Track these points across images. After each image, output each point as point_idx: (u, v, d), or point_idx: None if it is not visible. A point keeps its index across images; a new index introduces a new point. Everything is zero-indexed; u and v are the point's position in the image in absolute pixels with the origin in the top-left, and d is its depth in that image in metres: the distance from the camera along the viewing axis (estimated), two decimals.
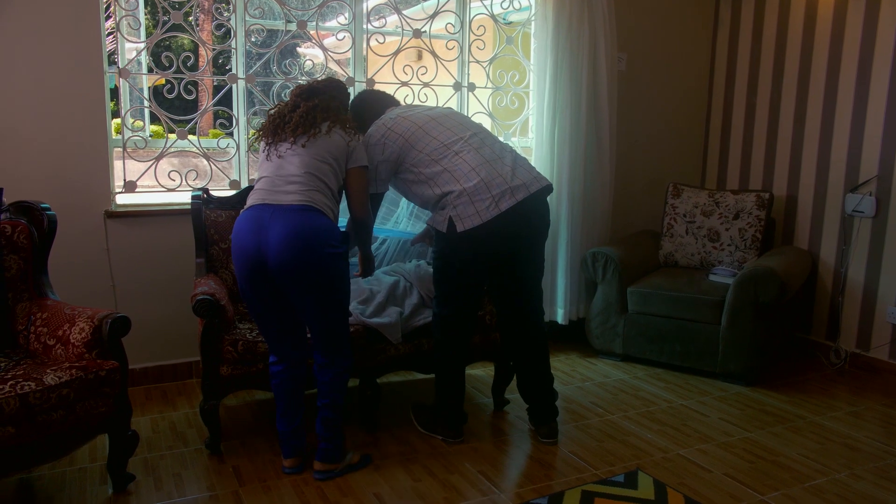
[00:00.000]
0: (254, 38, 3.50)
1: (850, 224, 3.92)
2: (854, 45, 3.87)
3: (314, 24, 3.56)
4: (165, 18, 3.24)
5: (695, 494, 2.51)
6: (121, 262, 3.29)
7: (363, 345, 2.86)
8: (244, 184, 3.52)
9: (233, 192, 3.29)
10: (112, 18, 3.24)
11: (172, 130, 3.35)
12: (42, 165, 3.09)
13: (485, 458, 2.77)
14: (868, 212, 3.82)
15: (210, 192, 3.17)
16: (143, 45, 3.34)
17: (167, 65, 3.30)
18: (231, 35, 3.43)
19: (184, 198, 3.32)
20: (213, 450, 2.75)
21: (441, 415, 2.89)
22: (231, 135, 3.51)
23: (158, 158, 3.34)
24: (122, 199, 3.34)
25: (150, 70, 3.38)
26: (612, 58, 3.99)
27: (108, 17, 3.23)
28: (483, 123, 4.00)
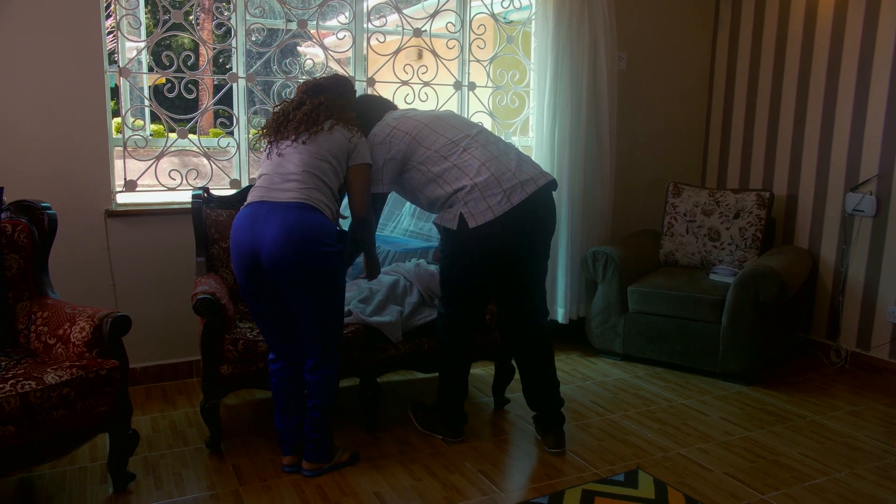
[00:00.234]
0: (254, 37, 3.50)
1: (851, 223, 3.92)
2: (854, 45, 3.87)
3: (314, 23, 3.56)
4: (166, 17, 3.24)
5: (695, 493, 2.51)
6: (121, 262, 3.29)
7: (363, 344, 2.86)
8: (245, 183, 3.53)
9: (233, 192, 3.30)
10: (112, 17, 3.24)
11: (173, 129, 3.35)
12: (42, 164, 3.09)
13: (485, 458, 2.77)
14: (868, 211, 3.81)
15: (210, 192, 3.17)
16: (144, 44, 3.34)
17: (168, 64, 3.30)
18: (231, 34, 3.43)
19: (184, 197, 3.33)
20: (214, 449, 2.75)
21: (442, 414, 2.89)
22: (231, 134, 3.51)
23: (159, 157, 3.34)
24: (123, 199, 3.34)
25: (151, 69, 3.38)
26: (613, 57, 3.99)
27: (109, 16, 3.23)
28: (483, 122, 4.02)
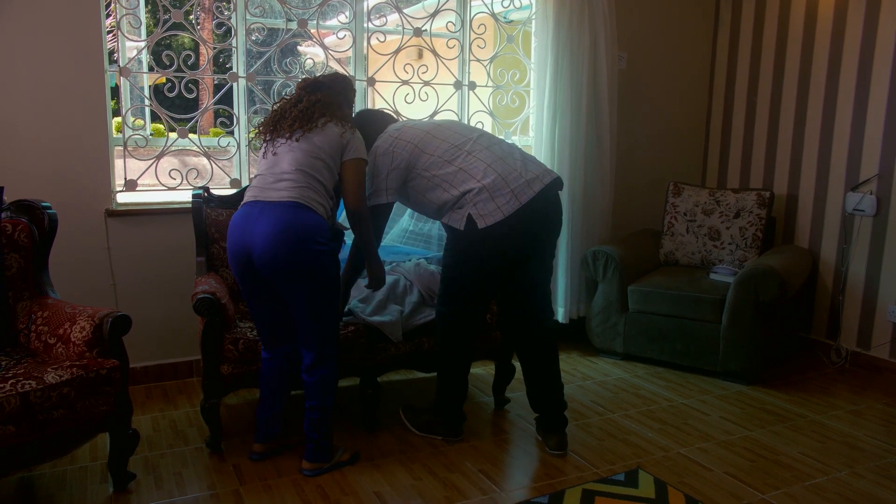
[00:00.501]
0: (254, 37, 3.50)
1: (851, 223, 3.92)
2: (854, 44, 3.86)
3: (315, 23, 3.56)
4: (166, 17, 3.24)
5: (695, 493, 2.51)
6: (121, 261, 3.29)
7: (363, 344, 2.86)
8: (245, 182, 3.53)
9: (233, 191, 3.29)
10: (112, 17, 3.24)
11: (173, 129, 3.35)
12: (43, 164, 3.09)
13: (485, 457, 2.77)
14: (868, 210, 3.81)
15: (211, 191, 3.17)
16: (144, 44, 3.34)
17: (168, 63, 3.30)
18: (232, 33, 3.42)
19: (184, 196, 3.33)
20: (214, 448, 2.75)
21: (441, 414, 2.89)
22: (232, 133, 3.51)
23: (159, 157, 3.34)
24: (123, 198, 3.34)
25: (151, 68, 3.38)
26: (613, 57, 3.98)
27: (109, 16, 3.23)
28: (484, 122, 4.03)
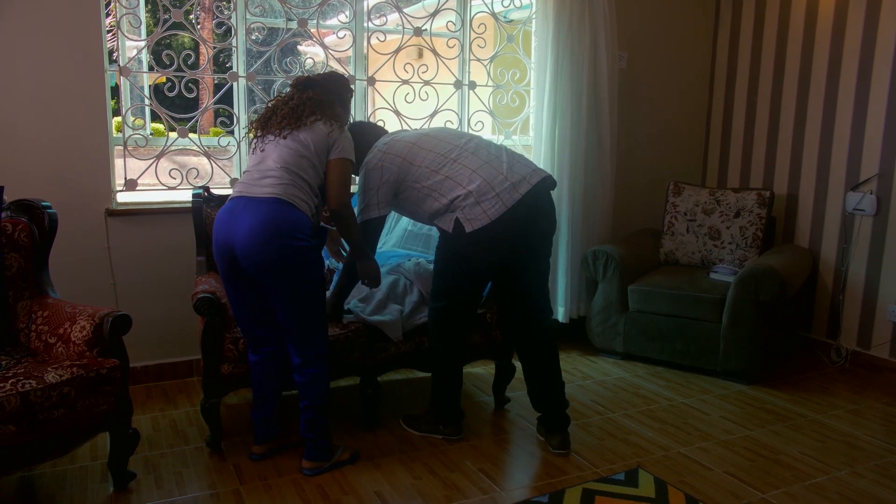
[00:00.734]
0: (254, 36, 3.50)
1: (851, 222, 3.92)
2: (855, 44, 3.86)
3: (315, 22, 3.55)
4: (166, 16, 3.24)
5: (695, 492, 2.51)
6: (121, 261, 3.29)
7: (363, 343, 2.87)
8: None
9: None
10: (112, 16, 3.24)
11: (173, 129, 3.35)
12: (43, 164, 3.09)
13: (485, 456, 2.77)
14: (869, 210, 3.81)
15: (211, 191, 3.17)
16: (144, 43, 3.34)
17: (168, 63, 3.30)
18: (232, 33, 3.42)
19: (185, 196, 3.33)
20: (214, 448, 2.76)
21: (439, 411, 2.90)
22: (232, 133, 3.51)
23: (159, 157, 3.34)
24: (123, 198, 3.34)
25: (151, 68, 3.38)
26: (613, 56, 3.98)
27: (109, 15, 3.23)
28: (484, 122, 4.03)
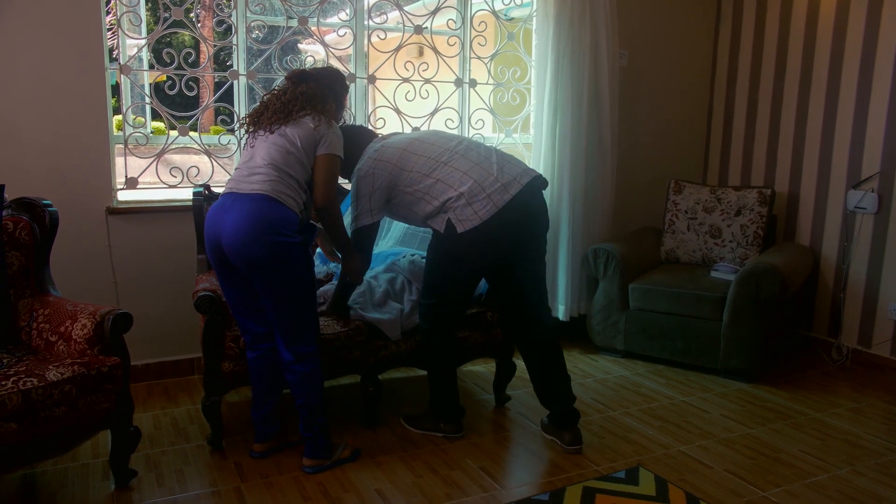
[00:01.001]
0: (255, 35, 3.50)
1: (852, 221, 3.92)
2: (856, 41, 3.86)
3: (315, 21, 3.55)
4: (166, 15, 3.24)
5: (696, 490, 2.51)
6: (122, 259, 3.29)
7: (364, 341, 2.87)
8: None
9: None
10: (113, 14, 3.24)
11: (174, 127, 3.35)
12: (44, 162, 3.09)
13: (486, 454, 2.77)
14: (870, 208, 3.81)
15: (211, 189, 3.17)
16: (145, 42, 3.34)
17: (168, 61, 3.30)
18: (232, 31, 3.42)
19: (185, 194, 3.33)
20: (215, 446, 2.76)
21: (439, 410, 2.90)
22: (232, 131, 3.51)
23: (160, 155, 3.34)
24: (124, 196, 3.34)
25: (152, 66, 3.38)
26: (614, 54, 3.98)
27: (109, 13, 3.23)
28: (484, 120, 4.03)
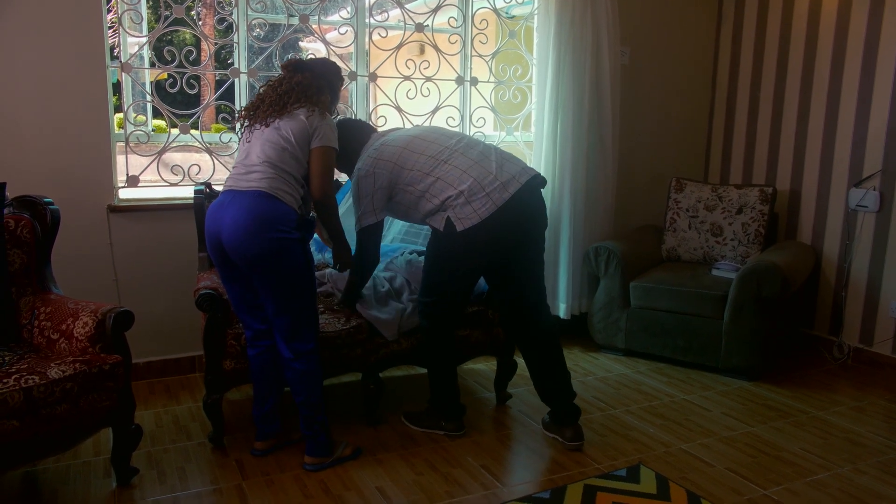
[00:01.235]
0: (256, 33, 3.50)
1: (854, 219, 3.91)
2: (858, 39, 3.85)
3: (316, 19, 3.55)
4: (167, 13, 3.24)
5: (697, 489, 2.51)
6: (124, 257, 3.29)
7: (365, 339, 2.87)
8: None
9: None
10: (114, 12, 3.24)
11: (175, 125, 3.35)
12: (45, 160, 3.09)
13: (487, 452, 2.77)
14: (872, 207, 3.81)
15: (212, 187, 3.17)
16: (146, 40, 3.34)
17: (169, 59, 3.30)
18: (233, 29, 3.42)
19: (186, 192, 3.33)
20: (217, 444, 2.76)
21: (439, 408, 2.90)
22: (233, 129, 3.51)
23: (161, 153, 3.35)
24: (125, 194, 3.34)
25: (153, 64, 3.38)
26: (615, 52, 3.97)
27: (110, 11, 3.23)
28: (485, 118, 4.02)
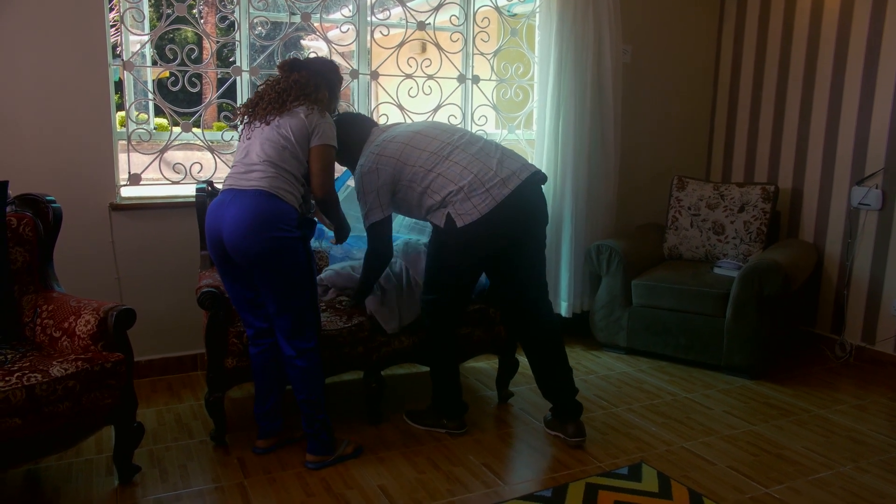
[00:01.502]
0: (258, 31, 3.49)
1: (856, 217, 3.91)
2: (861, 37, 3.84)
3: (318, 17, 3.55)
4: (169, 11, 3.24)
5: (699, 487, 2.51)
6: (126, 255, 3.30)
7: (366, 337, 2.87)
8: None
9: None
10: (116, 11, 3.24)
11: (177, 123, 3.35)
12: (47, 158, 3.10)
13: (489, 451, 2.77)
14: (874, 205, 3.80)
15: (214, 185, 3.16)
16: (147, 38, 3.34)
17: (171, 57, 3.30)
18: (235, 27, 3.42)
19: (188, 190, 3.33)
20: (218, 441, 2.77)
21: (441, 406, 2.91)
22: (235, 127, 3.51)
23: (163, 151, 3.35)
24: (127, 192, 3.34)
25: (154, 63, 3.38)
26: (617, 50, 3.97)
27: (112, 10, 3.23)
28: (487, 116, 4.02)
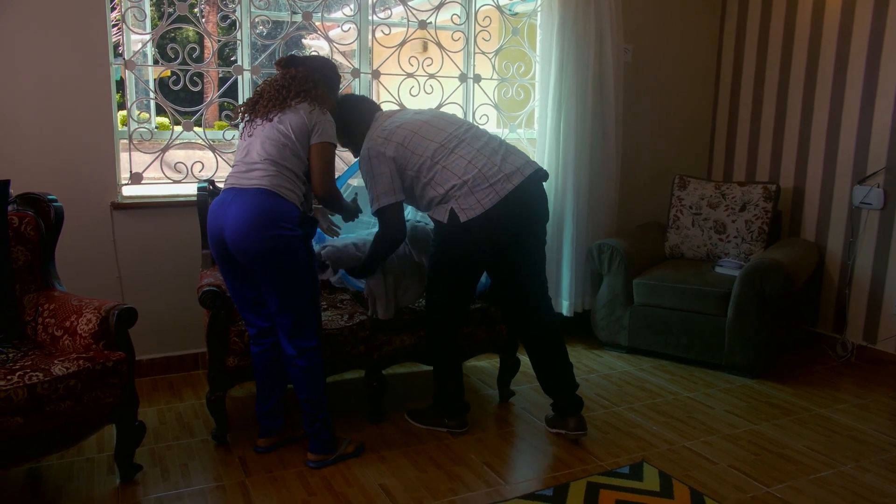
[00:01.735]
0: (259, 30, 3.49)
1: (858, 216, 3.91)
2: (863, 36, 3.84)
3: (319, 16, 3.55)
4: (171, 10, 3.24)
5: (700, 486, 2.51)
6: (127, 254, 3.30)
7: (368, 336, 2.87)
8: None
9: None
10: (117, 10, 3.24)
11: (178, 122, 3.35)
12: (48, 157, 3.10)
13: (490, 450, 2.77)
14: (876, 204, 3.79)
15: (216, 184, 3.16)
16: (149, 37, 3.34)
17: (173, 56, 3.30)
18: (237, 26, 3.42)
19: (190, 189, 3.33)
20: (220, 440, 2.77)
21: (443, 405, 2.91)
22: (236, 126, 3.50)
23: (164, 150, 3.35)
24: (129, 191, 3.34)
25: (156, 62, 3.38)
26: (619, 49, 3.96)
27: (114, 9, 3.23)
28: (488, 115, 4.02)
